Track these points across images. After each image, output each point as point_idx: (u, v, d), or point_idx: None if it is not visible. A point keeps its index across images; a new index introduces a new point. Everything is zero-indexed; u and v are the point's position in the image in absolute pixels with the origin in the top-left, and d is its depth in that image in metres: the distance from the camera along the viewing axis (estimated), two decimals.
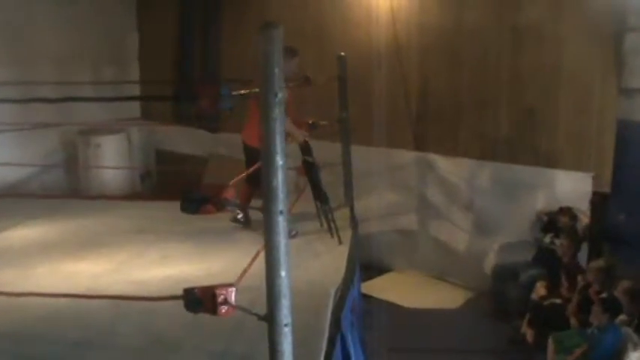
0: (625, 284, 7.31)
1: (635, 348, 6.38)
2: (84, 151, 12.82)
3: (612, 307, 7.01)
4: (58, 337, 5.54)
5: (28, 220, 9.07)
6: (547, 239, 9.23)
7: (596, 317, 7.05)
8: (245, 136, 8.12)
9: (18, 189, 11.36)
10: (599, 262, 8.20)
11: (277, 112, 3.48)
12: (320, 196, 8.02)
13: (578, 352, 7.00)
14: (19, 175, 11.33)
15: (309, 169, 7.93)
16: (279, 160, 3.51)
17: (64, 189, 12.66)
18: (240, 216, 8.36)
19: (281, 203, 3.53)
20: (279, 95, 3.47)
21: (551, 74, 9.48)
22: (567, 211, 9.19)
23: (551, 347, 7.38)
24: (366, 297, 9.71)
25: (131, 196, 12.69)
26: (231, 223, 8.41)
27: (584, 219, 9.18)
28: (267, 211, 3.55)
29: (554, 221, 9.28)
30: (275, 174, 3.51)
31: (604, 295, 7.34)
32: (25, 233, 8.72)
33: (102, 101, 8.81)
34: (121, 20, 13.65)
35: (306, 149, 8.00)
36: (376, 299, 9.97)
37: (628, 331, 6.76)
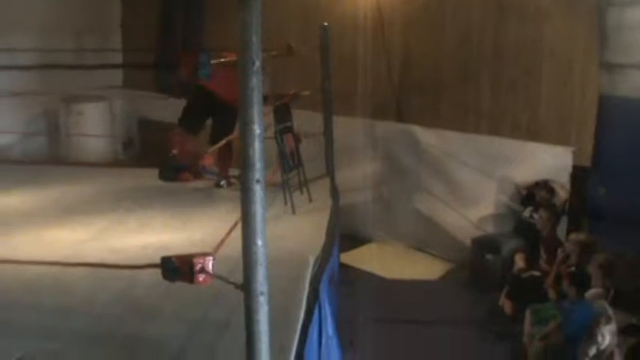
0: (599, 258, 7.34)
1: (607, 322, 6.43)
2: (66, 119, 12.77)
3: (580, 282, 7.05)
4: (37, 304, 5.54)
5: (8, 186, 9.02)
6: (526, 213, 9.30)
7: (565, 289, 7.11)
8: (221, 91, 8.07)
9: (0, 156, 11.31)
10: (580, 235, 8.25)
11: (255, 81, 3.47)
12: (299, 161, 8.12)
13: (552, 324, 7.06)
14: (0, 142, 11.28)
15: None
16: (257, 129, 3.51)
17: (46, 156, 12.63)
18: (222, 182, 8.34)
19: (258, 172, 3.54)
20: (257, 64, 3.46)
21: (533, 48, 9.50)
22: (544, 185, 9.25)
23: (529, 319, 7.43)
24: (346, 267, 9.77)
25: (112, 163, 12.65)
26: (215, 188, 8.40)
27: (563, 193, 9.24)
28: (244, 179, 3.55)
29: (532, 195, 9.34)
30: (252, 143, 3.51)
31: (572, 269, 7.39)
32: (5, 200, 8.67)
33: (83, 69, 8.78)
34: None
35: (286, 113, 8.03)
36: (356, 269, 10.02)
37: (603, 304, 6.82)
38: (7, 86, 9.99)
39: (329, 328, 6.41)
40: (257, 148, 3.52)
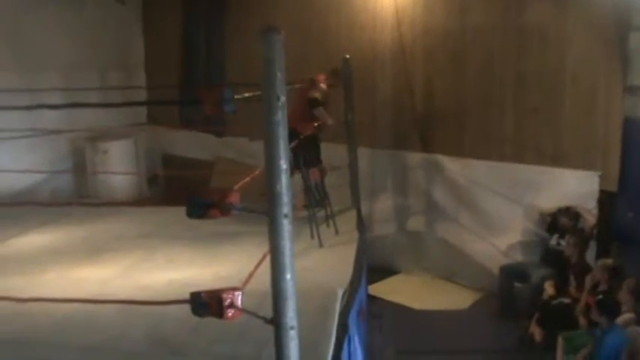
0: (630, 283, 7.28)
1: None
2: (92, 157, 12.86)
3: (608, 309, 6.94)
4: (67, 343, 5.57)
5: (37, 226, 9.13)
6: (553, 240, 9.23)
7: (595, 319, 7.01)
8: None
9: (27, 195, 11.38)
10: (607, 261, 8.17)
11: (280, 116, 3.49)
12: (325, 194, 8.12)
13: (584, 351, 6.99)
14: (28, 181, 11.36)
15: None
16: (283, 164, 3.52)
17: (73, 195, 12.70)
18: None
19: (285, 207, 3.55)
20: (282, 99, 3.48)
21: (555, 74, 9.49)
22: (566, 212, 9.19)
23: (561, 346, 7.36)
24: (375, 299, 9.73)
25: (138, 201, 12.72)
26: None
27: (590, 218, 9.16)
28: (272, 214, 3.56)
29: (556, 221, 9.28)
30: (278, 178, 3.52)
31: (600, 297, 7.30)
32: (34, 239, 8.77)
33: (108, 107, 8.84)
34: (126, 26, 13.72)
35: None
36: (384, 301, 9.98)
37: (635, 329, 6.73)
38: (33, 125, 10.07)
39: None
40: (284, 183, 3.53)
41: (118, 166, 12.63)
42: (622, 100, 8.96)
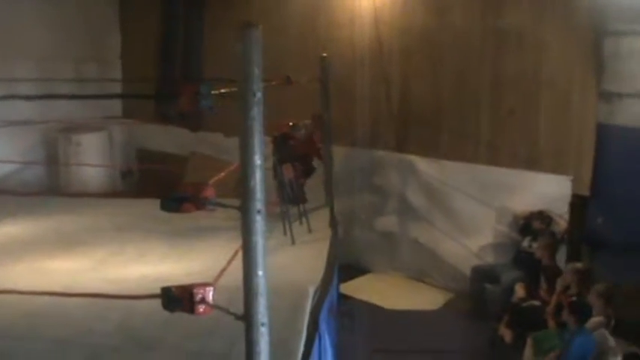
0: (599, 287, 7.35)
1: (615, 354, 6.41)
2: (65, 149, 12.77)
3: (580, 311, 7.01)
4: (36, 335, 5.53)
5: (7, 217, 9.02)
6: (525, 242, 9.30)
7: (565, 318, 7.09)
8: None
9: None
10: (577, 264, 8.26)
11: (256, 112, 3.48)
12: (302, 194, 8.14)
13: (552, 354, 7.04)
14: None
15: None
16: (257, 160, 3.51)
17: (45, 186, 12.61)
18: None
19: (259, 203, 3.54)
20: (258, 95, 3.47)
21: (531, 78, 9.54)
22: (539, 215, 9.26)
23: (530, 347, 7.41)
24: (346, 297, 9.74)
25: (111, 194, 12.65)
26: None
27: (561, 222, 9.24)
28: (245, 210, 3.55)
29: (529, 224, 9.35)
30: (253, 173, 3.51)
31: (573, 298, 7.37)
32: (4, 231, 8.67)
33: (83, 98, 8.77)
34: (103, 19, 13.62)
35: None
36: (356, 300, 9.99)
37: (604, 333, 6.80)
38: (5, 115, 9.97)
39: (328, 359, 6.38)
40: (258, 178, 3.52)
41: (92, 158, 12.56)
42: (596, 106, 9.04)
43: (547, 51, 9.40)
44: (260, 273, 3.59)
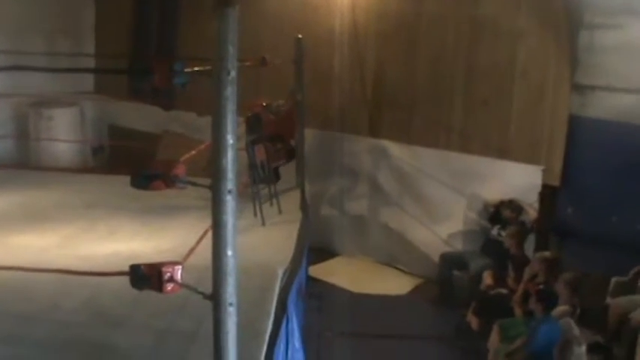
0: (566, 276, 7.41)
1: (579, 343, 6.47)
2: (35, 123, 12.63)
3: (547, 299, 7.09)
4: (2, 310, 5.48)
5: None
6: (494, 230, 9.36)
7: (532, 306, 7.15)
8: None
9: None
10: (545, 253, 8.32)
11: (229, 91, 3.46)
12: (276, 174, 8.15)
13: (518, 341, 7.09)
14: None
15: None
16: (230, 139, 3.49)
17: (15, 160, 12.47)
18: None
19: (230, 182, 3.52)
20: (232, 74, 3.45)
21: (506, 67, 9.58)
22: (509, 204, 9.33)
23: (496, 334, 7.46)
24: (315, 280, 9.77)
25: (82, 169, 12.54)
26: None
27: (531, 211, 9.31)
28: (216, 189, 3.53)
29: (499, 213, 9.41)
30: (225, 153, 3.49)
31: (541, 287, 7.44)
32: None
33: (54, 72, 8.66)
34: None
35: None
36: (324, 282, 10.01)
37: (568, 321, 6.86)
38: None
39: (296, 341, 6.39)
40: (230, 158, 3.50)
41: (63, 134, 12.43)
42: (569, 98, 9.10)
43: (522, 41, 9.42)
44: (229, 253, 3.57)
